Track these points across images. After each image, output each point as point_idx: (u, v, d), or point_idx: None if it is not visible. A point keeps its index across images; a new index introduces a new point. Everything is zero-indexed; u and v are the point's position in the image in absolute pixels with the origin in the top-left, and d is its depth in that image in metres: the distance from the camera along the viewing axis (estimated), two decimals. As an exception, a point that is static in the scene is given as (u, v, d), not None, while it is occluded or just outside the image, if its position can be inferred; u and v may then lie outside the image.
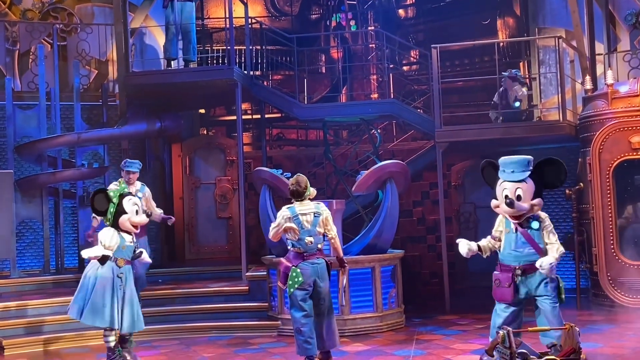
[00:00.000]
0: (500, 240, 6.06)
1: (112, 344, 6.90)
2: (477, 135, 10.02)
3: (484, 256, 6.17)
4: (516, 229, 5.91)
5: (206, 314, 9.14)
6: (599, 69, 10.93)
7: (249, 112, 13.61)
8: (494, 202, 5.99)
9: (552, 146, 10.91)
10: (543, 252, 5.84)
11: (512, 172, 5.88)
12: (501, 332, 5.33)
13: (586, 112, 9.81)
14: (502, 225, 6.04)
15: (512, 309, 5.91)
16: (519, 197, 5.81)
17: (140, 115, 11.04)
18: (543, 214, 5.95)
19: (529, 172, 5.86)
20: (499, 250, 6.06)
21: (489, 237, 6.16)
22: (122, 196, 6.89)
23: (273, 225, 6.75)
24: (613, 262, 9.22)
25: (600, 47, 11.05)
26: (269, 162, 11.76)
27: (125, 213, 6.85)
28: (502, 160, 6.03)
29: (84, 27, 11.98)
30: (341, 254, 6.90)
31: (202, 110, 13.84)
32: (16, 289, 9.85)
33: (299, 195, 6.75)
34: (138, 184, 8.86)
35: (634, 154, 9.19)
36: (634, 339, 7.61)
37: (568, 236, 10.45)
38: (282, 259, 6.75)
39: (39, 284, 10.10)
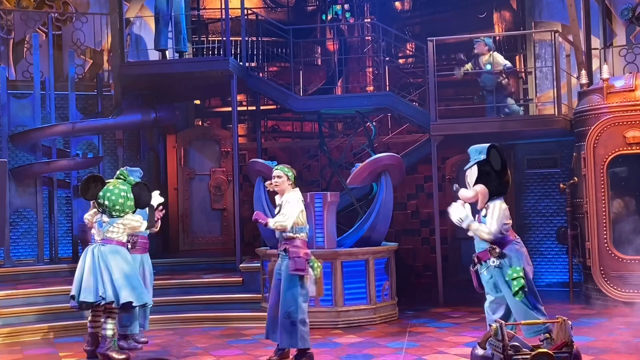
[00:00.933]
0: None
1: (110, 332, 6.87)
2: (472, 129, 10.02)
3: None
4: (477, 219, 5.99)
5: (200, 304, 9.16)
6: (595, 64, 10.94)
7: (244, 103, 13.59)
8: None
9: (547, 140, 10.94)
10: (491, 240, 5.85)
11: (469, 160, 6.06)
12: (494, 325, 5.35)
13: (581, 107, 9.82)
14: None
15: (493, 298, 5.94)
16: (468, 184, 6.01)
17: (135, 106, 11.03)
18: (493, 206, 5.87)
19: (477, 160, 5.97)
20: None
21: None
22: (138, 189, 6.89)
23: (297, 209, 6.50)
24: (606, 256, 9.25)
25: (596, 42, 11.06)
26: (263, 153, 11.75)
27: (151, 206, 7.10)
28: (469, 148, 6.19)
29: (79, 16, 11.92)
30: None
31: (197, 101, 13.81)
32: (10, 278, 9.83)
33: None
34: None
35: (629, 148, 9.20)
36: (626, 333, 7.65)
37: (561, 230, 10.50)
38: (300, 247, 6.53)
39: (32, 273, 10.09)
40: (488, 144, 6.02)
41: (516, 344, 5.31)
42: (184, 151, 12.34)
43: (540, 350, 5.26)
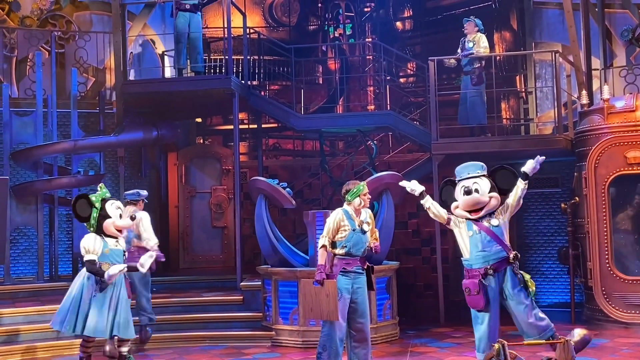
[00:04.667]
0: (448, 223, 6.18)
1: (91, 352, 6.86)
2: (473, 148, 10.03)
3: (421, 202, 6.34)
4: (479, 230, 5.94)
5: (200, 323, 9.12)
6: (595, 84, 10.99)
7: (245, 121, 13.62)
8: (453, 204, 6.12)
9: (548, 160, 10.90)
10: (509, 249, 5.91)
11: (468, 173, 6.11)
12: (496, 345, 5.33)
13: (582, 127, 9.84)
14: (464, 226, 6.05)
15: (489, 315, 5.91)
16: (477, 190, 5.99)
17: (136, 124, 11.06)
18: (498, 210, 6.04)
19: (484, 174, 6.09)
20: (465, 258, 6.07)
21: (444, 209, 6.24)
22: (104, 201, 6.80)
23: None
24: (608, 277, 9.23)
25: (596, 62, 11.12)
26: (264, 171, 11.77)
27: (109, 217, 6.76)
28: (458, 168, 6.26)
29: (82, 34, 11.99)
30: None
31: (198, 119, 13.84)
32: (10, 296, 9.79)
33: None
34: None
35: (630, 169, 9.22)
36: (628, 354, 7.61)
37: (563, 250, 10.47)
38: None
39: (32, 291, 10.05)
40: (481, 163, 6.21)
41: (519, 364, 5.28)
42: (185, 169, 12.35)
43: (543, 371, 5.23)
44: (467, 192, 6.01)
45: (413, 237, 12.24)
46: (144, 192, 8.68)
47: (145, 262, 6.95)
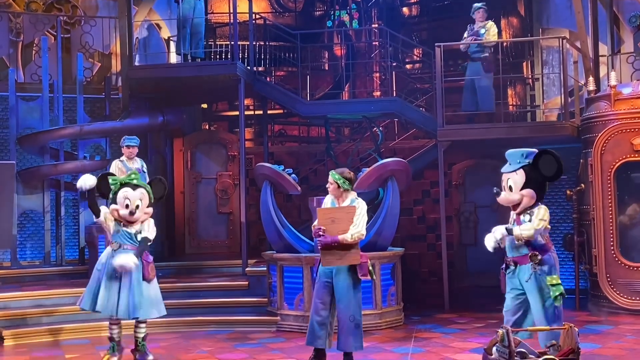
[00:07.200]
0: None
1: (116, 336, 6.90)
2: (479, 135, 10.02)
3: (502, 246, 6.00)
4: (514, 222, 5.94)
5: (205, 308, 9.16)
6: (602, 71, 10.94)
7: (251, 107, 13.62)
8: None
9: (554, 147, 10.86)
10: (532, 246, 5.83)
11: (509, 164, 5.93)
12: (500, 331, 5.33)
13: (589, 114, 9.81)
14: (511, 218, 6.05)
15: (514, 298, 5.91)
16: (510, 188, 5.84)
17: (142, 109, 11.06)
18: (538, 208, 5.81)
19: (523, 164, 5.82)
20: None
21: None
22: (122, 185, 6.81)
23: (365, 218, 6.50)
24: (613, 264, 9.23)
25: (603, 49, 11.06)
26: (270, 158, 11.77)
27: (115, 204, 6.76)
28: (507, 152, 6.08)
29: (87, 19, 11.99)
30: None
31: (204, 105, 13.84)
32: (16, 280, 9.86)
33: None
34: (138, 160, 9.17)
35: (636, 156, 9.19)
36: (632, 341, 7.63)
37: (568, 237, 10.47)
38: (361, 252, 6.47)
39: (39, 275, 10.12)
40: (535, 149, 5.87)
41: (523, 350, 5.29)
42: (191, 155, 12.36)
43: (546, 357, 5.24)
44: (495, 194, 5.89)
45: (418, 223, 12.26)
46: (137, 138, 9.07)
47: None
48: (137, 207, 6.75)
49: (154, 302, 6.88)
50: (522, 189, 5.81)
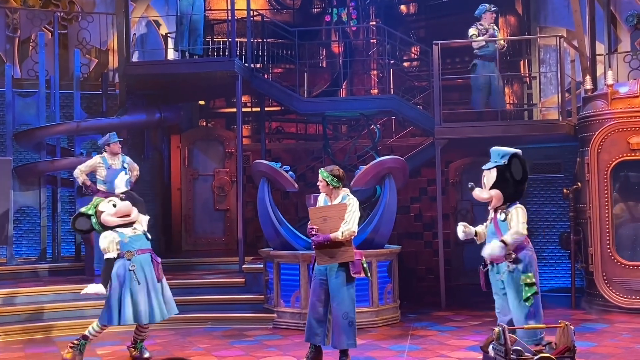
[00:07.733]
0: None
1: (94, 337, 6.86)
2: (476, 133, 10.03)
3: (478, 242, 6.16)
4: (491, 220, 5.98)
5: (202, 305, 9.15)
6: (599, 69, 10.95)
7: (248, 104, 13.62)
8: None
9: (550, 145, 10.94)
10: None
11: (490, 161, 6.02)
12: (496, 329, 5.35)
13: (585, 112, 9.82)
14: (489, 216, 6.10)
15: (503, 297, 5.94)
16: (484, 185, 5.97)
17: (139, 106, 11.05)
18: (514, 207, 5.85)
19: (498, 164, 5.90)
20: None
21: (485, 223, 6.19)
22: (96, 206, 6.79)
23: (356, 215, 6.44)
24: (609, 262, 9.25)
25: (601, 48, 11.07)
26: (267, 155, 11.77)
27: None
28: (491, 149, 6.17)
29: (85, 15, 11.97)
30: None
31: (201, 102, 13.83)
32: (12, 276, 9.85)
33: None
34: (121, 156, 9.21)
35: (633, 154, 9.21)
36: (628, 339, 7.64)
37: (564, 235, 10.49)
38: (354, 249, 6.47)
39: (35, 272, 10.11)
40: (512, 150, 5.95)
41: (519, 348, 5.31)
42: (188, 151, 12.36)
43: (542, 355, 5.26)
44: (471, 187, 6.04)
45: (415, 221, 12.27)
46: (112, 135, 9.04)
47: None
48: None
49: (172, 299, 6.98)
50: (491, 188, 5.90)
